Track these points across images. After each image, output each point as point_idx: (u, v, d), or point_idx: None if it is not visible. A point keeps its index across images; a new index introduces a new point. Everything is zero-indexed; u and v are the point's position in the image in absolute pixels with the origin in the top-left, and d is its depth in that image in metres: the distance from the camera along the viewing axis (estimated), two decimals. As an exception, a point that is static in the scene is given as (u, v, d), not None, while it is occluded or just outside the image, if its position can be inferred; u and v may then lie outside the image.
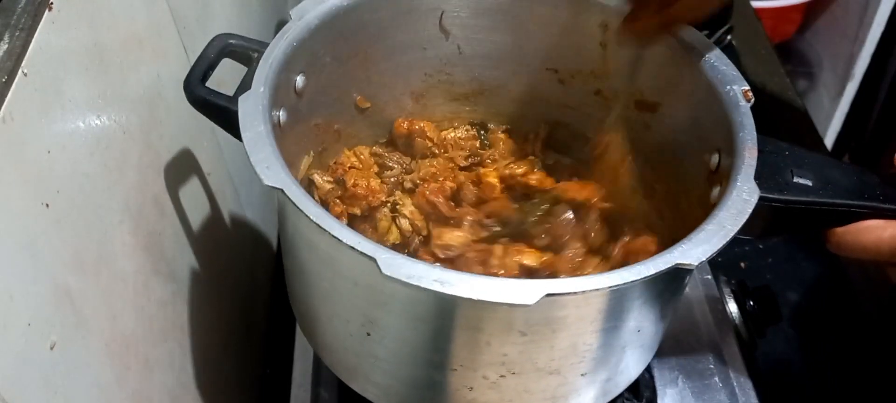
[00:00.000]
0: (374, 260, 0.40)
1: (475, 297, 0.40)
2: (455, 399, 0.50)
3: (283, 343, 0.68)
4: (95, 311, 0.45)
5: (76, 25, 0.44)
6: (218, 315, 0.67)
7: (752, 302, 0.69)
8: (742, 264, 0.81)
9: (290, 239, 0.52)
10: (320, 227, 0.42)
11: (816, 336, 0.75)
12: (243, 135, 0.47)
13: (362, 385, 0.54)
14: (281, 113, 0.53)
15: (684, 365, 0.64)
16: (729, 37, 1.05)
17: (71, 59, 0.44)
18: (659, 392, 0.63)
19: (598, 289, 0.41)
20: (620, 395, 0.57)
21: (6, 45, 0.38)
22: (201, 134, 0.65)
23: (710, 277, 0.71)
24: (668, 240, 0.53)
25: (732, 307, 0.69)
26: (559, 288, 0.40)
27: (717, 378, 0.64)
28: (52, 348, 0.39)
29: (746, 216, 0.44)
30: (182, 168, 0.60)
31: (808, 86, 1.65)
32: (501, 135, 0.70)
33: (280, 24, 0.90)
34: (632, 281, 0.41)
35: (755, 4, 1.19)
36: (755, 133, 0.49)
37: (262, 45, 0.53)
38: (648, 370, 0.64)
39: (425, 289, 0.40)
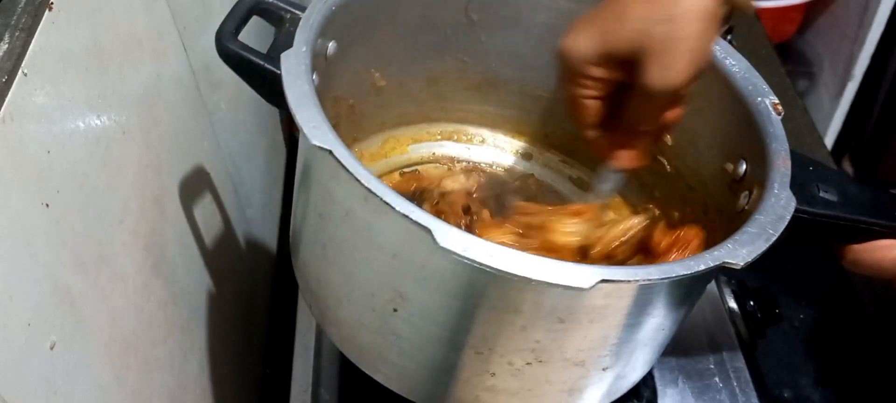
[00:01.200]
0: (429, 230, 0.39)
1: (532, 277, 0.39)
2: (473, 384, 0.49)
3: (283, 344, 0.68)
4: (95, 311, 0.45)
5: (76, 25, 0.44)
6: (218, 315, 0.67)
7: (752, 302, 0.69)
8: (742, 264, 0.81)
9: (318, 207, 0.50)
10: (372, 193, 0.41)
11: (816, 336, 0.75)
12: (288, 92, 0.45)
13: (374, 365, 0.53)
14: (315, 77, 0.51)
15: (684, 365, 0.64)
16: (729, 37, 1.05)
17: (71, 59, 0.44)
18: (659, 392, 0.63)
19: (649, 281, 0.41)
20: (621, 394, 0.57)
21: (6, 45, 0.38)
22: (201, 134, 0.65)
23: (710, 277, 0.71)
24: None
25: (732, 307, 0.69)
26: (615, 275, 0.40)
27: (717, 379, 0.64)
28: (52, 348, 0.39)
29: (786, 222, 0.46)
30: (182, 168, 0.60)
31: (808, 86, 1.65)
32: None
33: (280, 24, 0.90)
34: (681, 276, 0.42)
35: (755, 4, 1.19)
36: (787, 145, 0.51)
37: (295, 7, 0.52)
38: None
39: (477, 264, 0.39)
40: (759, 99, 0.54)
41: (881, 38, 1.43)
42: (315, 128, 0.43)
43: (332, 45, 0.55)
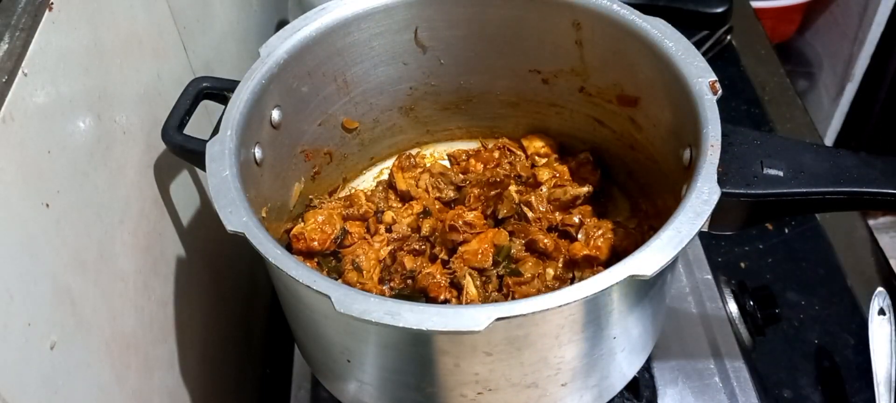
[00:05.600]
0: (328, 297, 0.41)
1: (424, 328, 0.39)
2: None
3: (283, 343, 0.68)
4: (95, 311, 0.45)
5: (76, 25, 0.45)
6: (218, 315, 0.67)
7: (752, 302, 0.68)
8: (742, 264, 0.81)
9: (273, 274, 0.52)
10: (279, 268, 0.43)
11: (816, 336, 0.75)
12: (209, 182, 0.47)
13: None
14: (256, 150, 0.54)
15: (684, 365, 0.64)
16: (729, 37, 1.05)
17: (71, 59, 0.44)
18: (659, 392, 0.63)
19: (547, 309, 0.40)
20: (619, 394, 0.57)
21: (6, 45, 0.38)
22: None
23: (709, 277, 0.71)
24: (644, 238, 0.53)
25: (732, 307, 0.69)
26: (508, 311, 0.40)
27: (717, 378, 0.64)
28: (52, 348, 0.39)
29: (704, 218, 0.43)
30: (182, 168, 0.60)
31: (807, 86, 1.65)
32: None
33: (280, 24, 0.90)
34: (583, 298, 0.40)
35: (755, 4, 1.19)
36: (719, 127, 0.48)
37: (236, 85, 0.54)
38: (648, 370, 0.64)
39: (376, 324, 0.40)
40: (696, 79, 0.50)
41: (881, 38, 1.43)
42: (230, 213, 0.46)
43: (275, 113, 0.57)
